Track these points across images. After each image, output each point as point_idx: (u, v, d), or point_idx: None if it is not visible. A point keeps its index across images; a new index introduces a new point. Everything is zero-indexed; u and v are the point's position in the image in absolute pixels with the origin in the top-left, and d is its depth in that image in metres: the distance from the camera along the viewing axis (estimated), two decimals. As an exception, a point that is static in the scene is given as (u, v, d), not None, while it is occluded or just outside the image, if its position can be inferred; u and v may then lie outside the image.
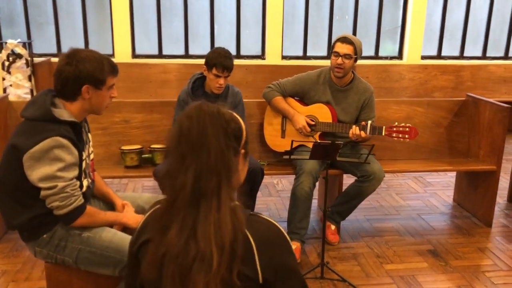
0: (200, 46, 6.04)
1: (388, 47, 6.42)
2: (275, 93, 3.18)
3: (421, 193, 4.07)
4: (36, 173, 1.78)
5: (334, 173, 3.22)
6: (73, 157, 1.83)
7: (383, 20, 6.25)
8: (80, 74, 1.84)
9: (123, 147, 3.29)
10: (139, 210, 2.20)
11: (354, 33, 6.23)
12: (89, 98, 1.90)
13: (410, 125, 2.93)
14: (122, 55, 5.81)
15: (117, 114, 3.35)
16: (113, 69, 1.94)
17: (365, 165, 2.94)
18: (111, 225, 2.00)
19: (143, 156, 3.27)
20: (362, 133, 2.95)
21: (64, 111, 1.87)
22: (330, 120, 3.09)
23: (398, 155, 3.57)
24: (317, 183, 3.05)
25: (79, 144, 1.89)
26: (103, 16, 5.87)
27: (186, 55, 6.07)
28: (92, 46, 5.89)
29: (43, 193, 1.80)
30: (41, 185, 1.78)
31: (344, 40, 3.01)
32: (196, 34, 6.06)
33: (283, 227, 1.24)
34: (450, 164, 3.50)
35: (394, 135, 2.94)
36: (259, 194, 3.31)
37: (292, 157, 2.77)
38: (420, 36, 6.21)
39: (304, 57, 6.22)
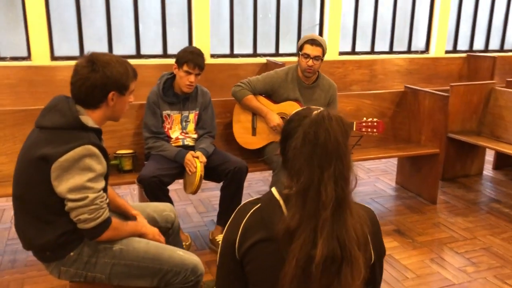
0: (126, 45, 5.80)
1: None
2: (246, 92, 3.22)
3: (366, 179, 4.40)
4: (65, 184, 1.65)
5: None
6: (102, 167, 1.73)
7: (303, 18, 6.55)
8: (108, 81, 1.75)
9: (119, 152, 3.11)
10: (149, 219, 2.13)
11: (277, 31, 6.44)
12: (113, 105, 1.80)
13: (377, 119, 3.17)
14: (40, 58, 5.36)
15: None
16: (135, 73, 1.86)
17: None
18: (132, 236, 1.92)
19: (110, 162, 3.11)
20: None
21: (89, 118, 1.76)
22: (301, 116, 3.22)
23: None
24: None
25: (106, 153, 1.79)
26: (14, 13, 5.36)
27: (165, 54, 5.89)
28: (1, 48, 5.35)
29: (70, 204, 1.67)
30: (70, 196, 1.65)
31: (313, 42, 3.13)
32: (120, 33, 5.80)
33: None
34: (398, 150, 3.84)
35: (363, 129, 3.16)
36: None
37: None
38: (337, 33, 6.61)
39: (231, 55, 6.28)
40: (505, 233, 3.33)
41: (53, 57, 5.51)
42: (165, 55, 5.99)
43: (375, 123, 3.14)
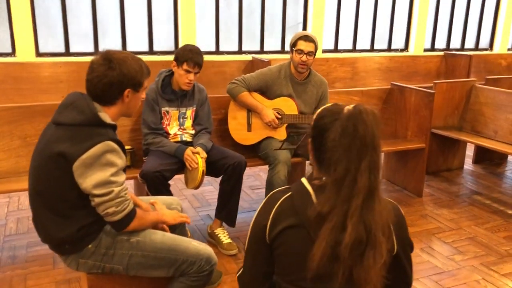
0: (111, 42, 5.79)
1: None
2: (241, 89, 3.29)
3: (353, 174, 4.52)
4: (89, 180, 1.70)
5: (298, 161, 3.46)
6: (122, 161, 1.78)
7: (287, 16, 6.65)
8: (124, 78, 1.80)
9: None
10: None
11: (262, 29, 6.53)
12: (128, 101, 1.86)
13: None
14: (24, 54, 5.30)
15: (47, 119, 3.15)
16: (148, 70, 1.92)
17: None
18: (154, 226, 1.98)
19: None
20: None
21: (106, 115, 1.81)
22: (296, 112, 3.31)
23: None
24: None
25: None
26: (-3, 9, 5.28)
27: (96, 53, 5.76)
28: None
29: (97, 200, 1.72)
30: (95, 191, 1.70)
31: (306, 38, 3.23)
32: (106, 30, 5.79)
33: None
34: (386, 145, 3.97)
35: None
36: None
37: (285, 147, 2.93)
38: (320, 31, 6.74)
39: (217, 52, 6.33)
40: (488, 223, 3.51)
41: (38, 54, 5.46)
42: (151, 52, 6.00)
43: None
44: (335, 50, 7.04)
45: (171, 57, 5.86)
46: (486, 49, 8.28)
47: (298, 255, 1.31)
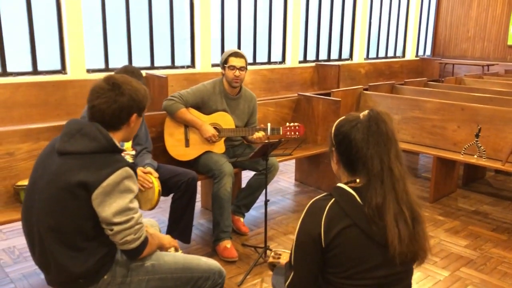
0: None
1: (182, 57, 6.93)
2: (180, 105, 3.32)
3: (268, 180, 4.80)
4: (110, 208, 1.65)
5: (235, 172, 3.59)
6: (136, 187, 1.75)
7: (175, 32, 6.71)
8: (133, 103, 1.79)
9: (20, 183, 2.86)
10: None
11: (151, 43, 6.48)
12: (133, 126, 1.84)
13: (298, 123, 3.56)
14: None
15: (-3, 147, 2.87)
16: (148, 94, 1.91)
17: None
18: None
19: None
20: (264, 135, 3.43)
21: (116, 140, 1.76)
22: (233, 126, 3.45)
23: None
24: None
25: None
26: None
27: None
28: None
29: (117, 228, 1.67)
30: (116, 220, 1.66)
31: (237, 54, 3.40)
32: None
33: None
34: (299, 151, 4.32)
35: (288, 133, 3.53)
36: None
37: (240, 159, 3.04)
38: (208, 46, 6.92)
39: (107, 69, 6.10)
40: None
41: None
42: (35, 72, 5.54)
43: (297, 127, 3.54)
44: (222, 64, 7.28)
45: (58, 77, 5.59)
46: (347, 59, 9.33)
47: (355, 251, 1.48)
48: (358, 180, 1.53)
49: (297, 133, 3.53)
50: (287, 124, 3.55)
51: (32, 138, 3.01)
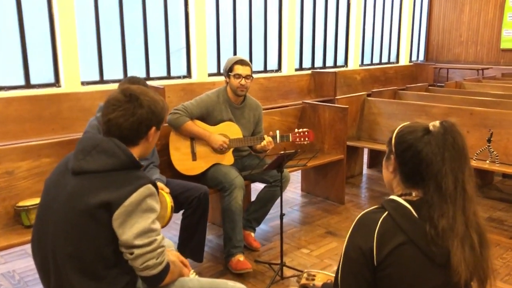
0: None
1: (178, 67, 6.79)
2: (185, 118, 3.17)
3: (273, 191, 4.66)
4: (130, 230, 1.49)
5: (245, 184, 3.45)
6: (159, 206, 1.61)
7: (170, 42, 6.57)
8: (153, 115, 1.65)
9: (21, 203, 2.69)
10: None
11: (147, 54, 6.33)
12: (151, 140, 1.69)
13: (307, 129, 3.44)
14: None
15: (-4, 166, 2.70)
16: (166, 106, 1.77)
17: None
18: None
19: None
20: (270, 141, 3.29)
21: (135, 156, 1.61)
22: (241, 136, 3.31)
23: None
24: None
25: None
26: None
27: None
28: None
29: (138, 251, 1.51)
30: (137, 242, 1.50)
31: (242, 62, 3.28)
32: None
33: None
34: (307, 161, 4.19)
35: (297, 140, 3.40)
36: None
37: (254, 171, 2.89)
38: (204, 55, 6.80)
39: (102, 81, 5.93)
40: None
41: None
42: (28, 85, 5.36)
43: (306, 132, 3.40)
44: (218, 73, 7.16)
45: (52, 90, 5.41)
46: (343, 66, 9.26)
47: (411, 272, 1.34)
48: (414, 194, 1.40)
49: (306, 138, 3.41)
50: (296, 130, 3.43)
51: (32, 155, 2.84)
